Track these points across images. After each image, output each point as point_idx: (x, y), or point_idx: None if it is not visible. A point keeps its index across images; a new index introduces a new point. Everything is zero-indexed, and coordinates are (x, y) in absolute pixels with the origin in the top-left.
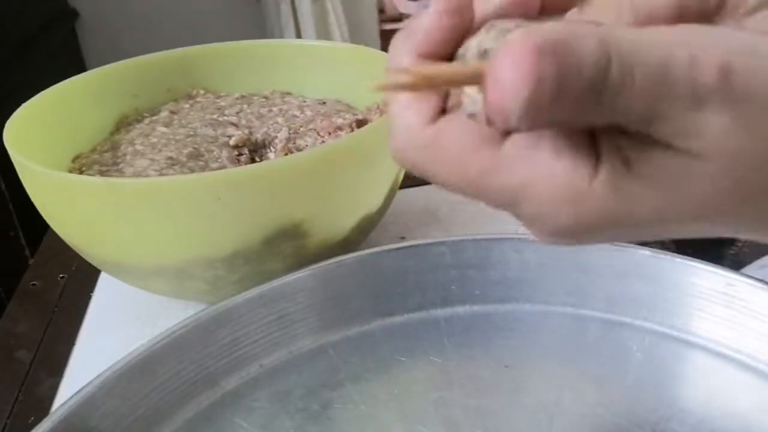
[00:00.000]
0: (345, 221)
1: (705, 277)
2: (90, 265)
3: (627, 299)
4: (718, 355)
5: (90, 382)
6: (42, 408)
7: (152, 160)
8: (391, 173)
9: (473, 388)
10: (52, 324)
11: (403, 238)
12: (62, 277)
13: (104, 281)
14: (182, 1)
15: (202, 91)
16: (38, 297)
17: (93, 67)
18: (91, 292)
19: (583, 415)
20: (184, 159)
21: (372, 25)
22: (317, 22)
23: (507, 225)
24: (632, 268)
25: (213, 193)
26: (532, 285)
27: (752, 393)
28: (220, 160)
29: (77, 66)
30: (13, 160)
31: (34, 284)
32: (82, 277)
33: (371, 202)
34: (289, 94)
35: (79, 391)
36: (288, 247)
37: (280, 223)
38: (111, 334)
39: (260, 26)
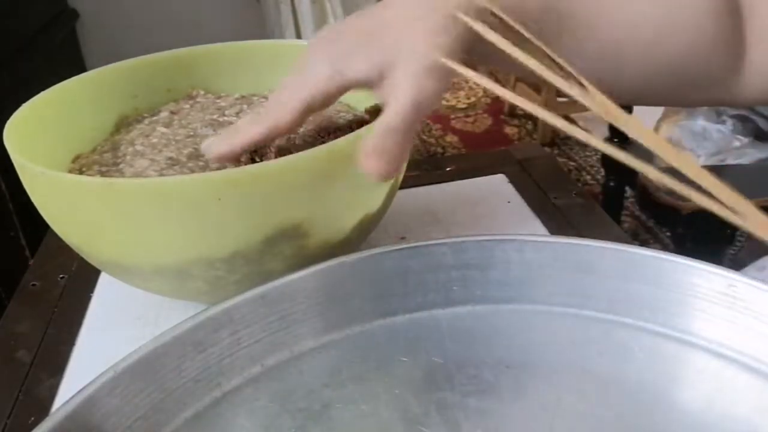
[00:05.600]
0: (345, 221)
1: (707, 278)
2: (90, 265)
3: (628, 300)
4: (719, 356)
5: (91, 382)
6: (42, 408)
7: (152, 160)
8: None
9: (474, 388)
10: (52, 324)
11: (403, 239)
12: (62, 278)
13: (104, 281)
14: (182, 1)
15: (202, 92)
16: (38, 297)
17: (93, 67)
18: (91, 292)
19: (583, 416)
20: (185, 159)
21: None
22: (317, 22)
23: (507, 225)
24: (634, 269)
25: (213, 194)
26: (533, 286)
27: (754, 394)
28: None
29: (77, 66)
30: (13, 161)
31: (34, 284)
32: (82, 277)
33: (371, 202)
34: None
35: (80, 391)
36: (288, 248)
37: (280, 224)
38: (111, 335)
39: (260, 26)
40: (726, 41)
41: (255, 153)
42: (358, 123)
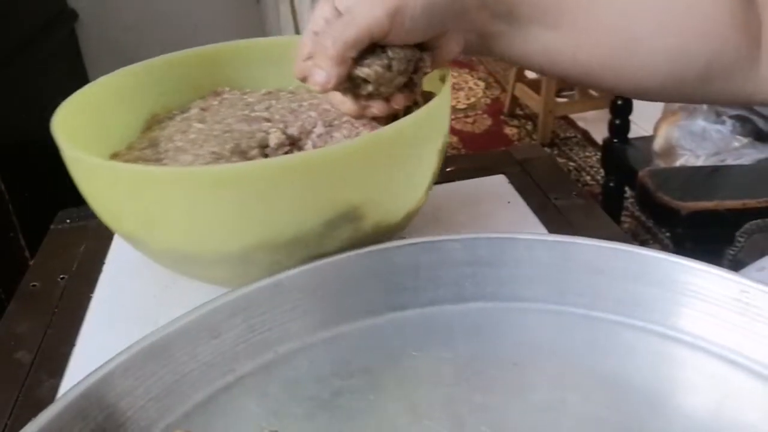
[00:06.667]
0: (398, 204)
1: (718, 282)
2: (90, 265)
3: (638, 302)
4: (729, 362)
5: (107, 362)
6: (42, 408)
7: (196, 155)
8: (435, 159)
9: (481, 384)
10: (52, 325)
11: (402, 238)
12: (62, 278)
13: (104, 281)
14: (181, 1)
15: (227, 88)
16: (38, 298)
17: (92, 67)
18: (91, 292)
19: (588, 417)
20: (228, 154)
21: None
22: None
23: (507, 225)
24: (645, 271)
25: (282, 178)
26: (544, 284)
27: (762, 402)
28: (260, 158)
29: (77, 66)
30: (67, 153)
31: (34, 285)
32: (82, 277)
33: (420, 185)
34: None
35: (96, 370)
36: (345, 231)
37: (340, 207)
38: (111, 335)
39: (260, 26)
40: (740, 29)
41: (293, 146)
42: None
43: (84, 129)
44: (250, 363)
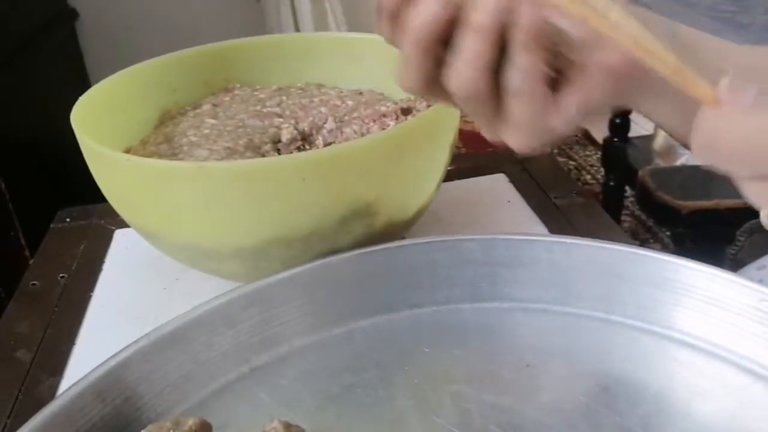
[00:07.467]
0: (410, 200)
1: (739, 291)
2: (90, 265)
3: (656, 308)
4: (746, 371)
5: (127, 346)
6: (42, 408)
7: (210, 150)
8: (446, 154)
9: (492, 384)
10: (52, 324)
11: (403, 238)
12: (62, 277)
13: (104, 281)
14: (182, 1)
15: (238, 85)
16: (38, 297)
17: (93, 67)
18: (91, 291)
19: (597, 422)
20: (242, 149)
21: (372, 26)
22: (317, 22)
23: (507, 225)
24: (664, 278)
25: (299, 174)
26: (561, 287)
27: None
28: (273, 152)
29: (77, 66)
30: (88, 148)
31: (34, 284)
32: (82, 277)
33: (432, 180)
34: (322, 85)
35: (116, 354)
36: (359, 226)
37: (355, 202)
38: (111, 334)
39: (260, 26)
40: None
41: (304, 141)
42: (403, 111)
43: (99, 124)
44: (265, 355)
